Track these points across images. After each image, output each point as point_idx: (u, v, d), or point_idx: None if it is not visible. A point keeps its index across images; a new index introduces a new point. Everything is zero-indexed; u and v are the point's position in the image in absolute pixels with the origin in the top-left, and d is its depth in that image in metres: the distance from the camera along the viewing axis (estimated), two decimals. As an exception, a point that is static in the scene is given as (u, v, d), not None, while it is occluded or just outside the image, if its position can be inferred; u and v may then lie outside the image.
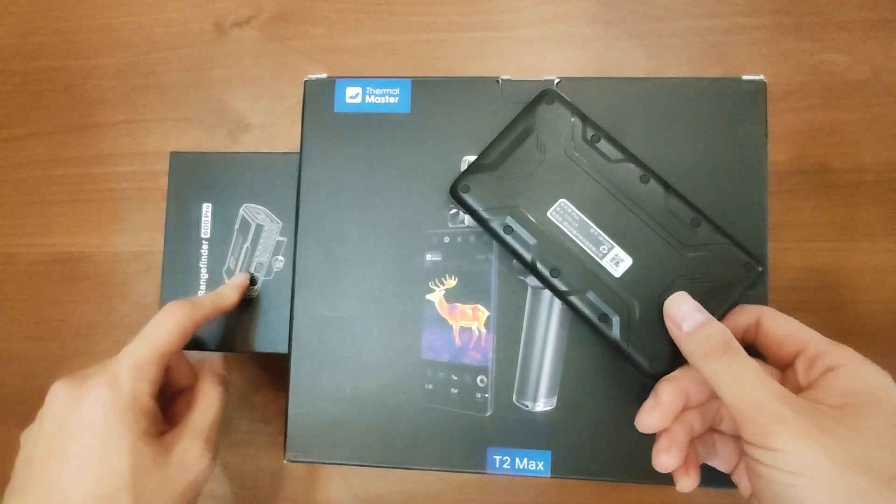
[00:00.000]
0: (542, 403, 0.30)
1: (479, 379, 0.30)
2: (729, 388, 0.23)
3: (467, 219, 0.30)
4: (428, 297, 0.30)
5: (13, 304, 0.43)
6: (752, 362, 0.24)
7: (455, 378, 0.30)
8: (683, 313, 0.26)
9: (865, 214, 0.38)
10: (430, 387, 0.30)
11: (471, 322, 0.30)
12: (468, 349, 0.30)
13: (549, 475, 0.29)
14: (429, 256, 0.31)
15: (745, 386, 0.23)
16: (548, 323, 0.30)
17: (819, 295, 0.38)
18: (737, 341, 0.25)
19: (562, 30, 0.41)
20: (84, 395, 0.27)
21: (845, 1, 0.39)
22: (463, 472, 0.30)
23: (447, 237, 0.31)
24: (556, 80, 0.31)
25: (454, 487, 0.38)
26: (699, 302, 0.26)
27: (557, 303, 0.30)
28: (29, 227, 0.44)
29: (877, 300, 0.37)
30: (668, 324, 0.26)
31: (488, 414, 0.30)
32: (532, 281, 0.30)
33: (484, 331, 0.30)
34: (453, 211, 0.31)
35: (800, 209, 0.38)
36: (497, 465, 0.30)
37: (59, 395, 0.28)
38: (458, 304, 0.30)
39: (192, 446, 0.29)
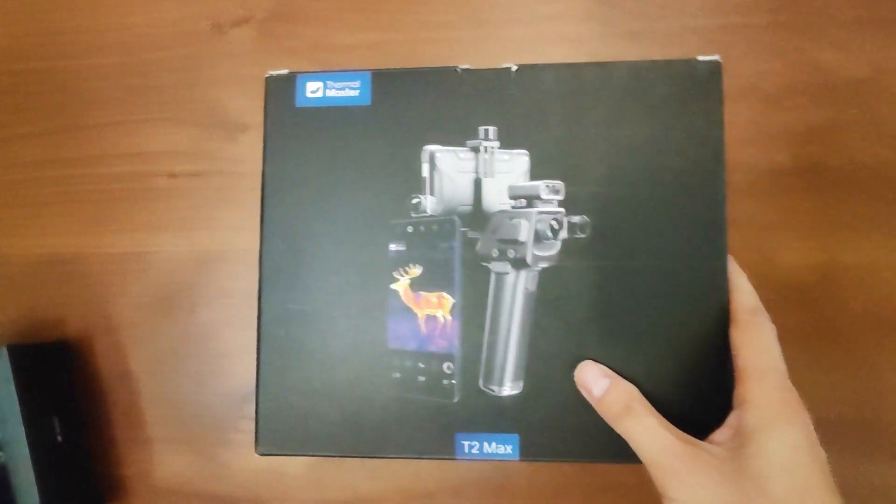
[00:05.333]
0: (509, 388, 0.30)
1: (445, 366, 0.30)
2: (635, 446, 0.26)
3: (430, 207, 0.31)
4: (393, 286, 0.31)
5: (8, 305, 0.44)
6: (649, 421, 0.26)
7: (422, 366, 0.30)
8: (590, 380, 0.28)
9: (862, 213, 0.38)
10: (398, 375, 0.30)
11: (436, 310, 0.30)
12: (434, 337, 0.30)
13: (517, 458, 0.30)
14: (393, 246, 0.31)
15: (644, 445, 0.26)
16: (512, 308, 0.30)
17: (815, 293, 0.38)
18: (639, 400, 0.27)
19: (558, 29, 0.41)
20: None
21: (844, 1, 0.39)
22: (432, 458, 0.30)
23: (410, 226, 0.31)
24: (514, 68, 0.31)
25: (451, 486, 0.39)
26: None
27: (521, 288, 0.30)
28: (24, 228, 0.44)
29: (874, 298, 0.37)
30: (582, 391, 0.29)
31: (456, 400, 0.30)
32: (495, 267, 0.30)
33: (449, 318, 0.30)
34: (415, 200, 0.31)
35: (797, 208, 0.38)
36: (466, 451, 0.30)
37: None
38: (422, 293, 0.30)
39: None
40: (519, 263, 0.30)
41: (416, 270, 0.31)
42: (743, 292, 0.29)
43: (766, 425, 0.25)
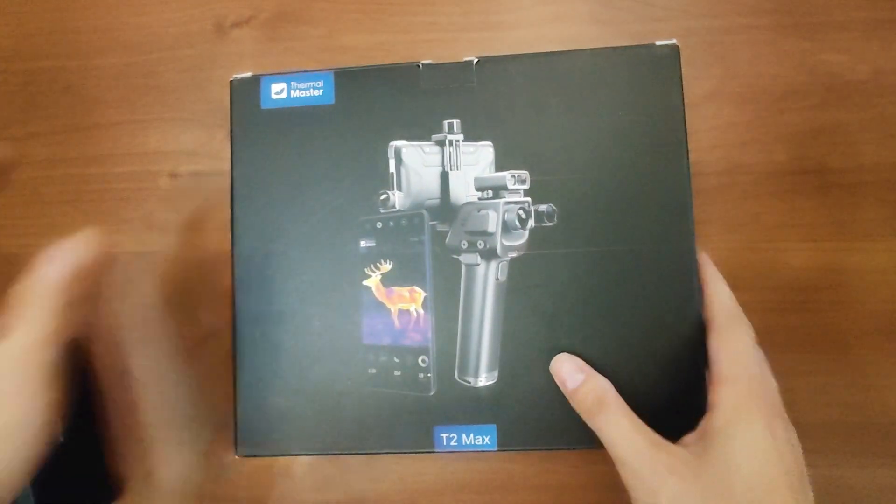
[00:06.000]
0: (484, 378, 0.30)
1: (420, 359, 0.30)
2: (605, 443, 0.27)
3: (398, 202, 0.31)
4: (365, 283, 0.31)
5: (11, 304, 0.44)
6: (621, 420, 0.26)
7: (397, 360, 0.30)
8: (565, 373, 0.29)
9: (865, 214, 0.37)
10: (374, 371, 0.31)
11: (408, 304, 0.31)
12: (408, 331, 0.30)
13: (495, 448, 0.30)
14: (363, 243, 0.31)
15: (614, 443, 0.26)
16: (483, 299, 0.30)
17: (819, 295, 0.37)
18: (613, 396, 0.27)
19: (561, 30, 0.41)
20: None
21: (845, 1, 0.39)
22: (412, 452, 0.30)
23: (379, 223, 0.31)
24: (475, 61, 0.31)
25: (454, 486, 0.38)
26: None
27: (492, 278, 0.30)
28: (29, 227, 0.44)
29: (877, 300, 0.37)
30: (557, 382, 0.29)
31: (432, 393, 0.30)
32: (466, 258, 0.30)
33: (422, 311, 0.30)
34: (383, 196, 0.31)
35: (800, 209, 0.38)
36: (444, 444, 0.30)
37: None
38: (394, 288, 0.31)
39: None
40: (488, 254, 0.30)
41: (387, 266, 0.31)
42: (720, 296, 0.29)
43: (727, 428, 0.25)
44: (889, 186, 0.38)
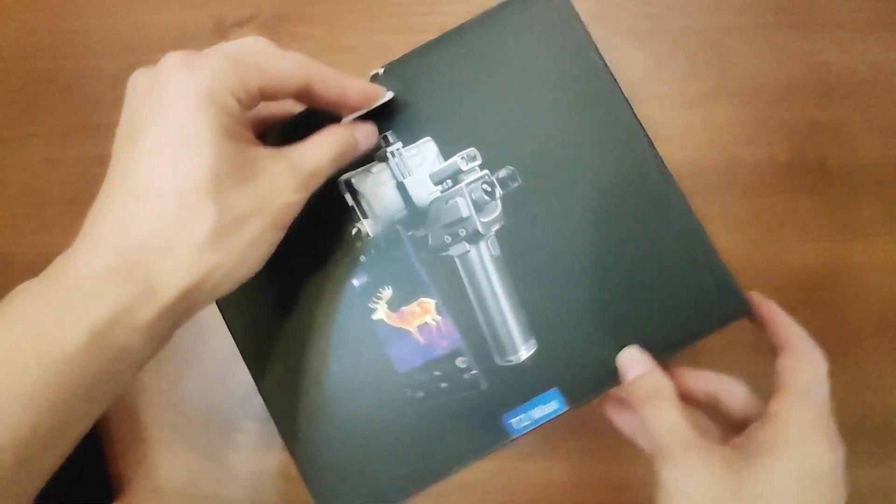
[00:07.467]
0: (525, 350, 0.30)
1: (459, 361, 0.30)
2: (649, 428, 0.27)
3: (370, 229, 0.31)
4: (373, 317, 0.30)
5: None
6: (674, 410, 0.26)
7: (438, 373, 0.30)
8: (628, 364, 0.28)
9: (864, 213, 0.38)
10: (421, 394, 0.30)
11: (423, 317, 0.30)
12: (434, 341, 0.30)
13: (567, 408, 0.30)
14: (355, 282, 0.31)
15: (657, 428, 0.26)
16: (488, 279, 0.30)
17: (818, 293, 0.38)
18: (670, 390, 0.27)
19: None
20: (160, 78, 0.24)
21: (845, 1, 0.39)
22: (493, 451, 0.30)
23: (362, 256, 0.31)
24: (382, 71, 0.31)
25: (455, 486, 0.37)
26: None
27: (487, 257, 0.30)
28: (28, 227, 0.43)
29: (876, 298, 0.37)
30: (620, 374, 0.29)
31: (485, 388, 0.30)
32: (454, 251, 0.30)
33: (439, 318, 0.30)
34: (355, 230, 0.31)
35: (799, 208, 0.38)
36: (517, 427, 0.30)
37: (138, 81, 0.26)
38: (404, 308, 0.30)
39: (281, 174, 0.25)
40: (473, 237, 0.30)
41: (388, 292, 0.30)
42: (795, 326, 0.28)
43: (787, 443, 0.24)
44: (888, 185, 0.38)
